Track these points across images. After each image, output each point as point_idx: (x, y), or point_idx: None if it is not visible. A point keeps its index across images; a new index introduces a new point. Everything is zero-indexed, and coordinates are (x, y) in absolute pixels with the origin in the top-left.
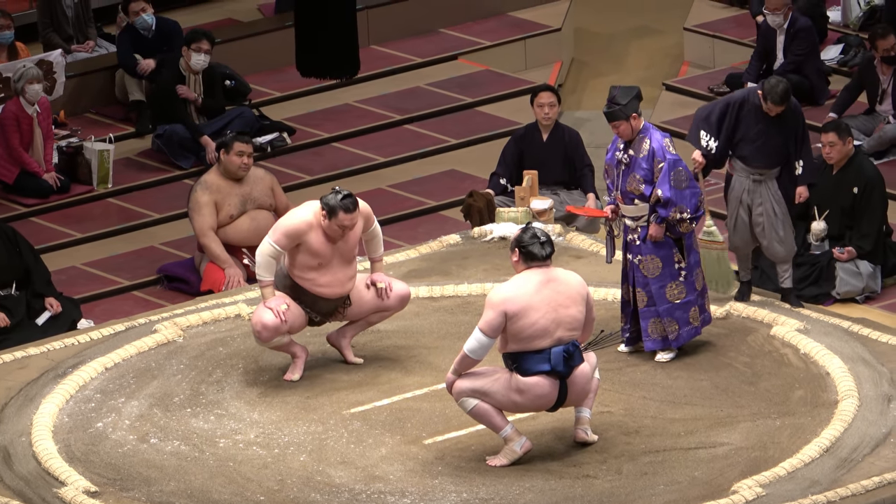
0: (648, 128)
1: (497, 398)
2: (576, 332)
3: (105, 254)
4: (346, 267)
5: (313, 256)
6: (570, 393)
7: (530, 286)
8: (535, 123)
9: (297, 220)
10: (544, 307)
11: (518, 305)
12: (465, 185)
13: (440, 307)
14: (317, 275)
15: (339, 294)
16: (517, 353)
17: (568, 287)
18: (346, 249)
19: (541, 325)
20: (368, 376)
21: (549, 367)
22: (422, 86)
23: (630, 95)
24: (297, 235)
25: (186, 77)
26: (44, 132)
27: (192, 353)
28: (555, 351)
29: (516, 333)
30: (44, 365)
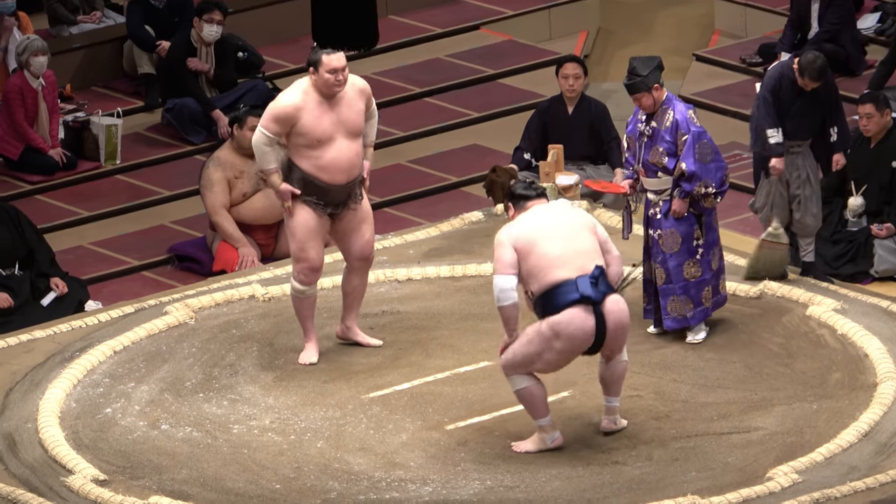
0: (671, 99)
1: (541, 359)
2: (597, 260)
3: (113, 233)
4: (351, 142)
5: (311, 136)
6: (608, 320)
7: (533, 217)
8: (560, 96)
9: (285, 103)
10: (553, 234)
11: (526, 236)
12: (488, 160)
13: (462, 287)
14: (320, 152)
15: (347, 175)
16: (543, 293)
17: (572, 216)
18: (348, 121)
19: (556, 252)
20: (388, 359)
21: (578, 294)
22: (442, 57)
23: (651, 66)
24: (287, 119)
25: (198, 49)
26: (49, 106)
27: (205, 335)
28: (580, 278)
29: (533, 268)
30: (50, 348)
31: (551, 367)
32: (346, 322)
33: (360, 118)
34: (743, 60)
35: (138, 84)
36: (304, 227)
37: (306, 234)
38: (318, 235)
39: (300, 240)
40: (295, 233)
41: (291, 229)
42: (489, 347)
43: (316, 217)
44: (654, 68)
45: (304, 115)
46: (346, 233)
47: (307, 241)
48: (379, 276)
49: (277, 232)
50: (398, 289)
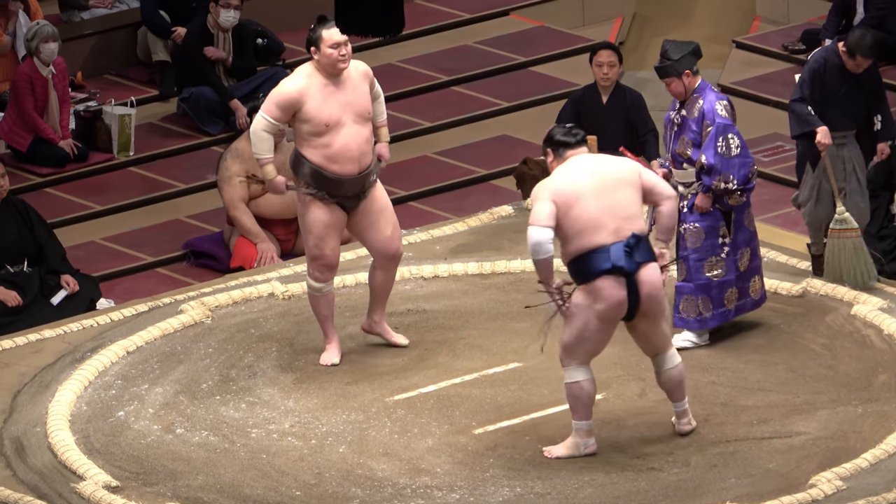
0: (704, 88)
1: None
2: (634, 223)
3: (126, 227)
4: (361, 127)
5: (318, 120)
6: (641, 291)
7: (573, 172)
8: (594, 85)
9: (289, 87)
10: (593, 191)
11: (566, 192)
12: (518, 152)
13: (491, 285)
14: (328, 139)
15: (358, 164)
16: (578, 257)
17: (614, 169)
18: (356, 104)
19: (593, 213)
20: (413, 360)
21: (610, 263)
22: (471, 44)
23: (684, 51)
24: (291, 103)
25: (214, 35)
26: (59, 95)
27: (222, 335)
28: (614, 246)
29: (570, 228)
30: (60, 348)
31: (600, 339)
32: (374, 316)
33: (368, 101)
34: (785, 48)
35: (153, 72)
36: (319, 223)
37: (321, 230)
38: (334, 231)
39: (316, 236)
40: (310, 228)
41: (306, 225)
42: (519, 348)
43: (330, 211)
44: (687, 53)
45: (308, 98)
46: (365, 228)
47: (322, 237)
48: (404, 273)
49: (297, 227)
50: (424, 286)
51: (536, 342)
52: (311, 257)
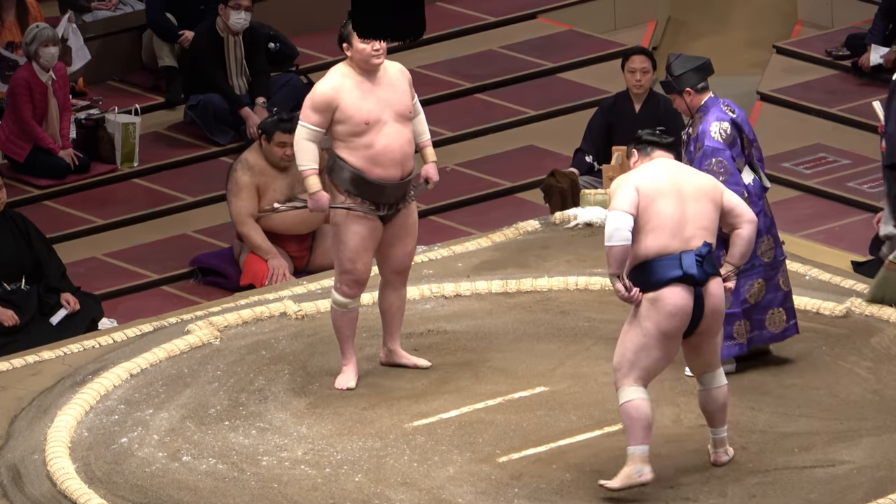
0: (710, 106)
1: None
2: (708, 233)
3: (130, 243)
4: (402, 127)
5: (356, 118)
6: (707, 304)
7: (657, 169)
8: (626, 92)
9: (322, 89)
10: (672, 195)
11: (649, 185)
12: (546, 164)
13: (516, 304)
14: (369, 139)
15: (401, 167)
16: (644, 263)
17: (697, 180)
18: (395, 102)
19: (668, 214)
20: (434, 384)
21: (681, 270)
22: (495, 49)
23: (688, 66)
24: (327, 104)
25: (224, 39)
26: (60, 102)
27: (231, 357)
28: (685, 254)
29: (646, 223)
30: (59, 371)
31: (661, 355)
32: (389, 345)
33: (408, 99)
34: (829, 53)
35: (158, 78)
36: (358, 236)
37: (359, 243)
38: (371, 244)
39: (352, 249)
40: (345, 240)
41: (342, 237)
42: (546, 371)
43: (370, 225)
44: (691, 69)
45: (344, 96)
46: (390, 241)
47: (359, 250)
48: (424, 292)
49: (312, 243)
50: (445, 306)
51: (564, 365)
52: (341, 270)
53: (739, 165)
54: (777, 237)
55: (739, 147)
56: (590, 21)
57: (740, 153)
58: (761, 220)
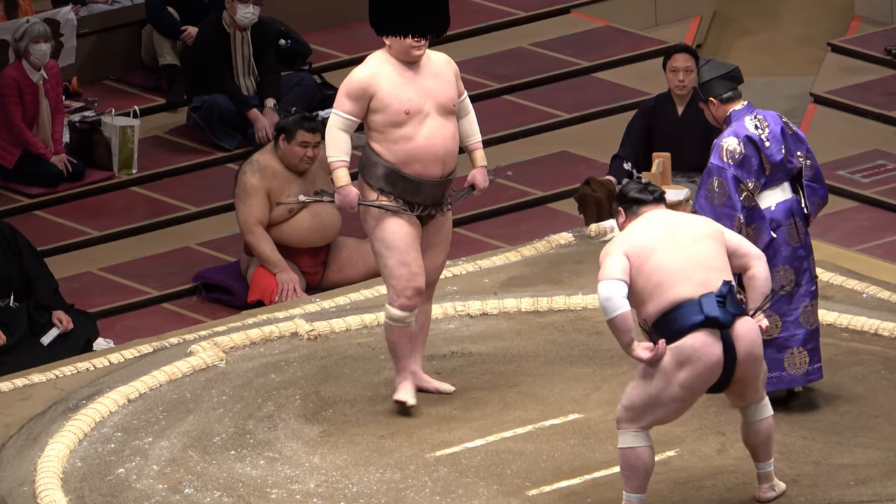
0: (734, 119)
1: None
2: (723, 272)
3: (128, 256)
4: (445, 121)
5: (395, 108)
6: (739, 349)
7: (648, 225)
8: (668, 93)
9: (359, 75)
10: (671, 244)
11: (639, 246)
12: (580, 171)
13: (548, 324)
14: (409, 131)
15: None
16: (660, 317)
17: (693, 224)
18: (438, 92)
19: (673, 264)
20: (458, 410)
21: (703, 315)
22: (525, 46)
23: (714, 73)
24: (363, 91)
25: (231, 35)
26: (52, 104)
27: (237, 381)
28: (705, 297)
29: (647, 285)
30: (51, 396)
31: (675, 409)
32: (410, 366)
33: (453, 91)
34: (888, 52)
35: (159, 77)
36: (402, 233)
37: (406, 242)
38: (417, 242)
39: (400, 251)
40: (390, 244)
41: (385, 241)
42: (580, 397)
43: (410, 221)
44: (717, 77)
45: (382, 82)
46: (423, 248)
47: (408, 249)
48: (448, 310)
49: (326, 258)
50: (470, 325)
51: (600, 390)
52: (394, 278)
53: (748, 188)
54: (801, 269)
55: (754, 168)
56: (628, 16)
57: (753, 174)
58: (783, 250)
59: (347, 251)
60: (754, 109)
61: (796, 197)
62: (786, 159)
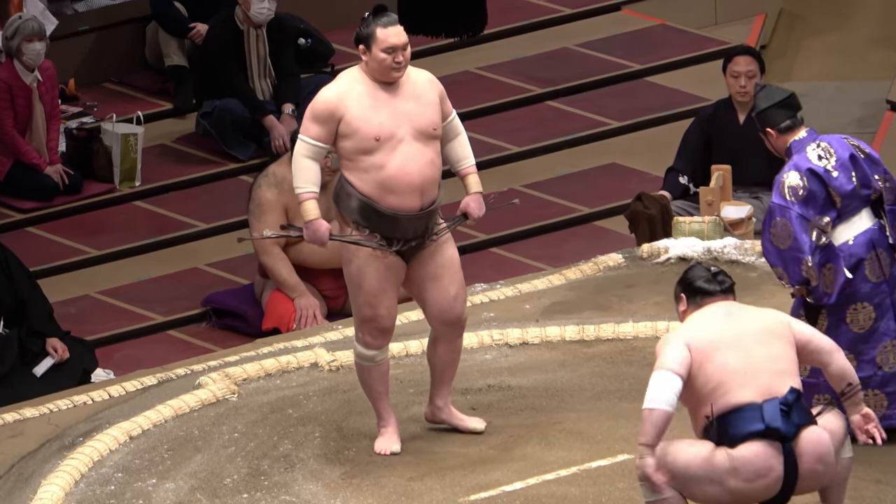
0: (795, 150)
1: (703, 488)
2: (790, 376)
3: (130, 278)
4: (423, 146)
5: (364, 132)
6: (802, 466)
7: (707, 319)
8: (729, 100)
9: (325, 96)
10: (731, 344)
11: (702, 340)
12: (631, 185)
13: (595, 354)
14: (380, 159)
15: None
16: (719, 418)
17: (759, 321)
18: (416, 116)
19: (737, 365)
20: (495, 450)
21: (763, 424)
22: (571, 46)
23: (769, 102)
24: (330, 113)
25: (244, 32)
26: (47, 109)
27: (251, 416)
28: (768, 403)
29: (705, 384)
30: (45, 432)
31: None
32: (436, 401)
33: (434, 114)
34: None
35: (165, 80)
36: (374, 276)
37: (376, 285)
38: (390, 284)
39: (366, 291)
40: (358, 281)
41: (353, 277)
42: (629, 435)
43: (386, 262)
44: (773, 105)
45: (350, 104)
46: (424, 283)
47: (375, 292)
48: (484, 339)
49: None
50: (509, 356)
51: None
52: (360, 318)
53: (820, 225)
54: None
55: (821, 202)
56: (685, 14)
57: (821, 210)
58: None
59: None
60: (817, 136)
61: (879, 224)
62: (858, 188)
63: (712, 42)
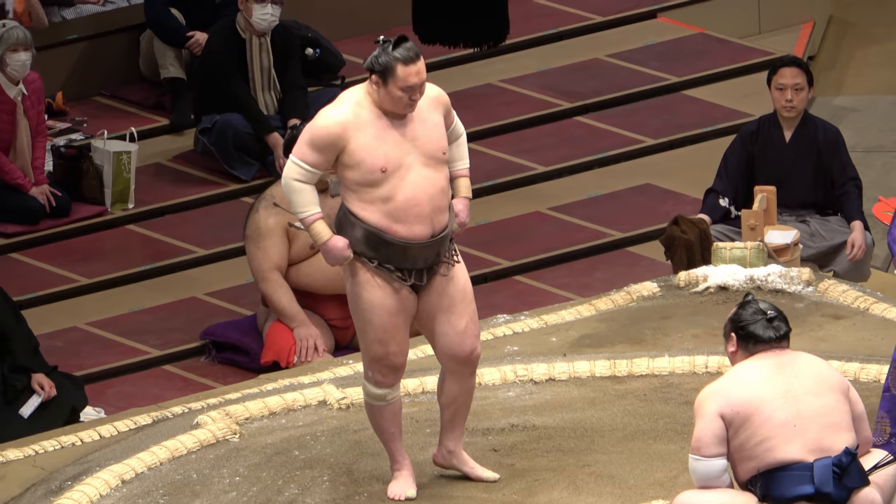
0: None
1: None
2: (843, 432)
3: (123, 308)
4: (433, 172)
5: (370, 165)
6: None
7: (755, 375)
8: (774, 115)
9: (326, 121)
10: (781, 397)
11: (743, 401)
12: (667, 208)
13: (627, 392)
14: (388, 191)
15: (431, 223)
16: (764, 474)
17: (813, 369)
18: (424, 141)
19: (780, 420)
20: (518, 495)
21: (812, 487)
22: (602, 57)
23: None
24: (330, 142)
25: (247, 41)
26: (32, 125)
27: (254, 458)
28: (819, 464)
29: (747, 441)
30: (29, 476)
31: None
32: (447, 444)
33: (441, 137)
34: None
35: (161, 93)
36: (384, 311)
37: (387, 321)
38: (401, 318)
39: (377, 326)
40: (367, 317)
41: (361, 311)
42: (665, 480)
43: (394, 292)
44: None
45: (355, 135)
46: (433, 314)
47: (386, 327)
48: (507, 375)
49: None
50: (534, 393)
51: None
52: (370, 356)
53: None
54: None
55: None
56: (727, 22)
57: None
58: None
59: None
60: None
61: None
62: None
63: (756, 52)
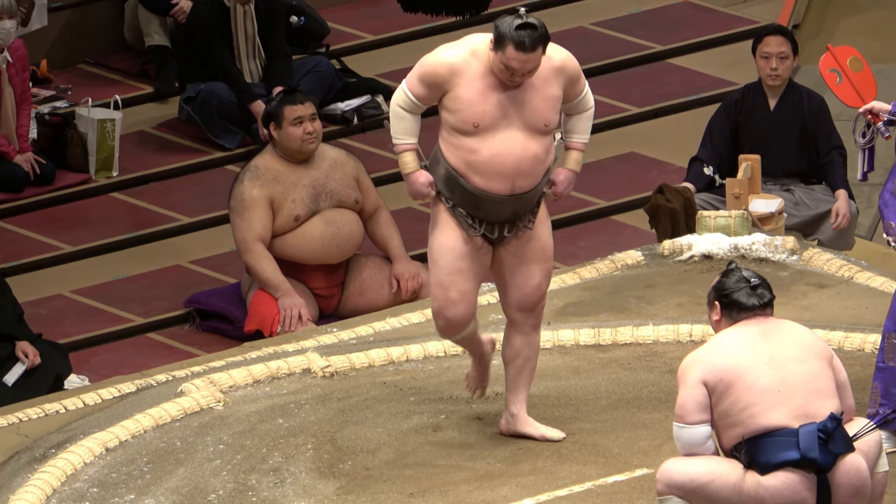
0: None
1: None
2: (828, 398)
3: (107, 276)
4: (528, 138)
5: (466, 115)
6: (837, 500)
7: (738, 342)
8: (758, 84)
9: (439, 58)
10: (764, 364)
11: (726, 367)
12: (651, 177)
13: (611, 360)
14: (476, 143)
15: (511, 183)
16: (749, 440)
17: (797, 336)
18: (528, 109)
19: (764, 386)
20: (503, 464)
21: (798, 453)
22: (586, 26)
23: None
24: (437, 81)
25: (231, 9)
26: (16, 92)
27: (238, 427)
28: (805, 430)
29: (731, 407)
30: (14, 443)
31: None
32: (511, 408)
33: (549, 110)
34: None
35: (145, 61)
36: (449, 250)
37: (450, 260)
38: (466, 264)
39: (440, 267)
40: (434, 257)
41: (431, 252)
42: (649, 448)
43: (466, 239)
44: None
45: (461, 82)
46: (509, 269)
47: (450, 270)
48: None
49: (345, 278)
50: None
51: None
52: (433, 306)
53: None
54: None
55: None
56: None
57: None
58: None
59: (370, 271)
60: None
61: None
62: None
63: (741, 21)
